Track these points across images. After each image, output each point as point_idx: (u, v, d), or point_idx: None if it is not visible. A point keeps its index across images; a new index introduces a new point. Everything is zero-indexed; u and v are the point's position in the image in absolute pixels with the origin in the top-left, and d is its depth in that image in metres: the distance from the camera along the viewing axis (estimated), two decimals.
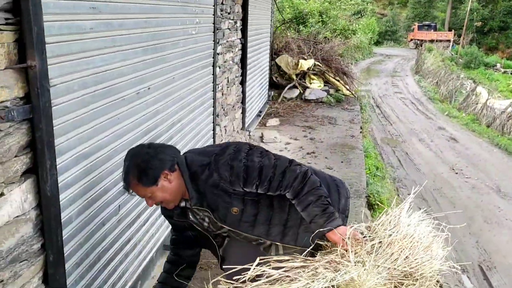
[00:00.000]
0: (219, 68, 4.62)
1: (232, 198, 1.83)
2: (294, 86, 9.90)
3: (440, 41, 36.00)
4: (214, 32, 4.09)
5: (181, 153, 1.93)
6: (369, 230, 1.82)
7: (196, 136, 3.79)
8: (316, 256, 1.75)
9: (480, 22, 37.77)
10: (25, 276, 1.69)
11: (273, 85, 9.81)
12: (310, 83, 10.05)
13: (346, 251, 1.66)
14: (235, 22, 5.38)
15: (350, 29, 18.34)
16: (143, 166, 1.76)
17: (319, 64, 10.44)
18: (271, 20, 9.05)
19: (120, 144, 2.36)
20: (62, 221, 1.83)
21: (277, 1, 10.45)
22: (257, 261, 1.64)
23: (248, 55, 6.26)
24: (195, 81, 3.63)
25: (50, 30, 1.67)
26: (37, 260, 1.75)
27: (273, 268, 1.60)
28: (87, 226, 2.09)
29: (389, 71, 23.47)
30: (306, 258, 1.70)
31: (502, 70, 28.50)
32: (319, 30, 14.42)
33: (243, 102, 6.20)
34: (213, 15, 4.05)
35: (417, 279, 1.64)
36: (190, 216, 1.97)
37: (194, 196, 1.85)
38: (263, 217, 1.88)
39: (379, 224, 1.82)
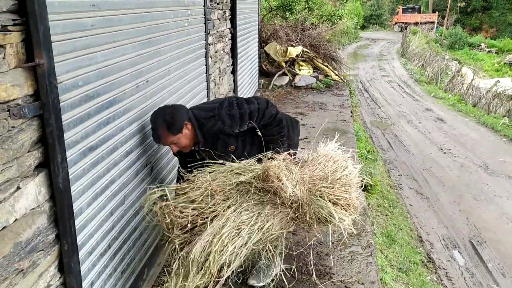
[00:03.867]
0: (211, 58, 4.67)
1: (230, 139, 2.62)
2: (284, 73, 9.96)
3: (425, 23, 36.15)
4: (205, 23, 4.14)
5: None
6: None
7: None
8: None
9: (464, 3, 37.97)
10: (43, 265, 1.77)
11: (263, 73, 9.85)
12: (300, 70, 10.12)
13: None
14: (224, 12, 5.42)
15: (336, 15, 18.38)
16: (171, 120, 2.49)
17: (308, 50, 10.49)
18: (258, 8, 9.06)
19: (123, 136, 2.43)
20: (74, 212, 1.91)
21: None
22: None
23: (238, 44, 6.30)
24: (189, 72, 3.69)
25: (55, 29, 1.72)
26: (52, 250, 1.83)
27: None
28: (96, 216, 2.17)
29: (376, 55, 23.59)
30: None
31: (487, 49, 28.70)
32: (305, 16, 14.47)
33: (235, 91, 6.26)
34: (204, 6, 4.09)
35: (330, 182, 2.50)
36: (196, 155, 2.68)
37: (201, 141, 2.60)
38: (248, 151, 2.67)
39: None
